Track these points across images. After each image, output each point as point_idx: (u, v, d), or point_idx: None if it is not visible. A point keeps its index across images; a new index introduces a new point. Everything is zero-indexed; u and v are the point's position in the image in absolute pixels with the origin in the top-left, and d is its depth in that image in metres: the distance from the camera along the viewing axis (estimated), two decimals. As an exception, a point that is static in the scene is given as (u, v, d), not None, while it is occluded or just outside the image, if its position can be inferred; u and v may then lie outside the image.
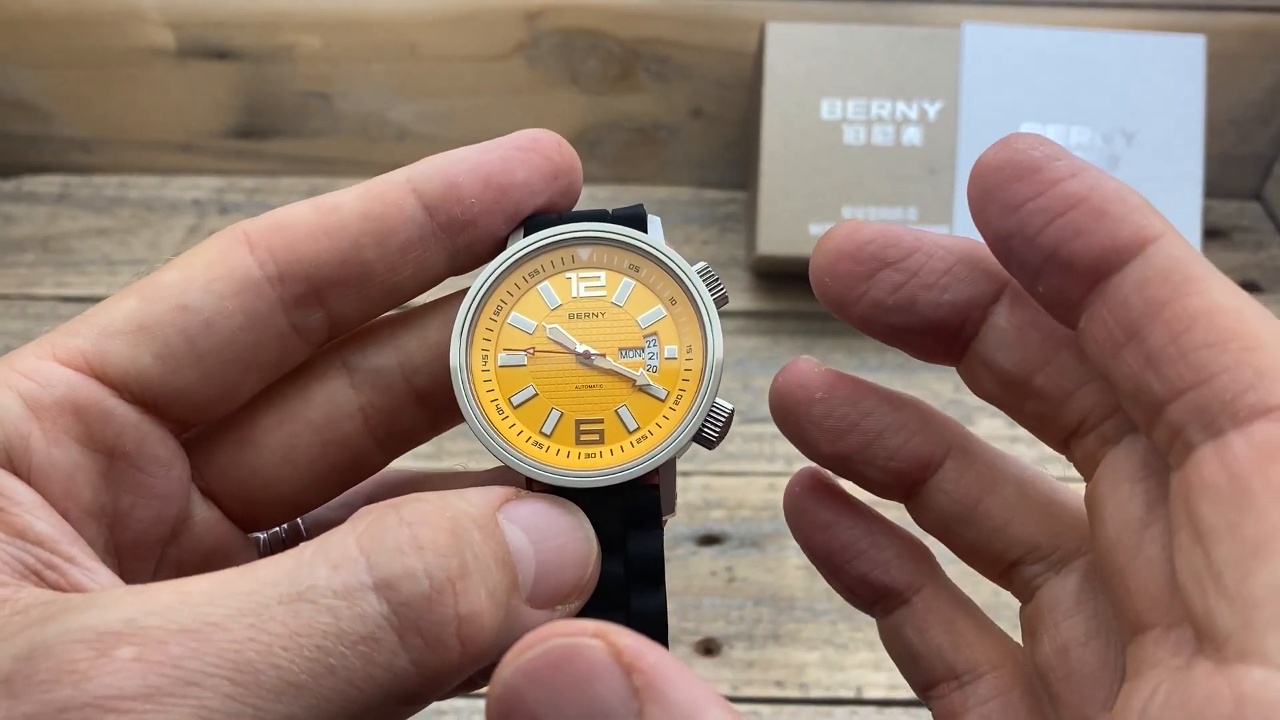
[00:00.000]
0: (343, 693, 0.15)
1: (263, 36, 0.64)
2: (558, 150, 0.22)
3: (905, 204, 0.58)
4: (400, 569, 0.16)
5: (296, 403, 0.22)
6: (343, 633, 0.15)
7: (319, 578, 0.16)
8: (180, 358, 0.20)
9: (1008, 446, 0.22)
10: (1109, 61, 0.58)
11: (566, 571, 0.19)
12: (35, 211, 0.67)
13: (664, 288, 0.22)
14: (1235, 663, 0.14)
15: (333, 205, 0.21)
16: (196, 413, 0.21)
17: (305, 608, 0.15)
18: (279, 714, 0.15)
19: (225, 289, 0.20)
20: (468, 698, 0.48)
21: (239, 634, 0.15)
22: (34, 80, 0.66)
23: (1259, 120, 0.66)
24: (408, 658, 0.16)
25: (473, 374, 0.21)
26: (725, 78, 0.65)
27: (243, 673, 0.15)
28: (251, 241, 0.20)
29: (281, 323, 0.21)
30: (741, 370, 0.59)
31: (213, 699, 0.14)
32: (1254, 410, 0.14)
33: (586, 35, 0.64)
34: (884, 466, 0.21)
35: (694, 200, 0.68)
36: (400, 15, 0.63)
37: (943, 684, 0.22)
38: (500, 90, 0.65)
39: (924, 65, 0.58)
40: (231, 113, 0.68)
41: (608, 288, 0.22)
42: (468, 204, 0.21)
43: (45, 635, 0.15)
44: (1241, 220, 0.67)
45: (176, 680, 0.14)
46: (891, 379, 0.59)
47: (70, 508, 0.19)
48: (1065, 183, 0.17)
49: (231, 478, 0.22)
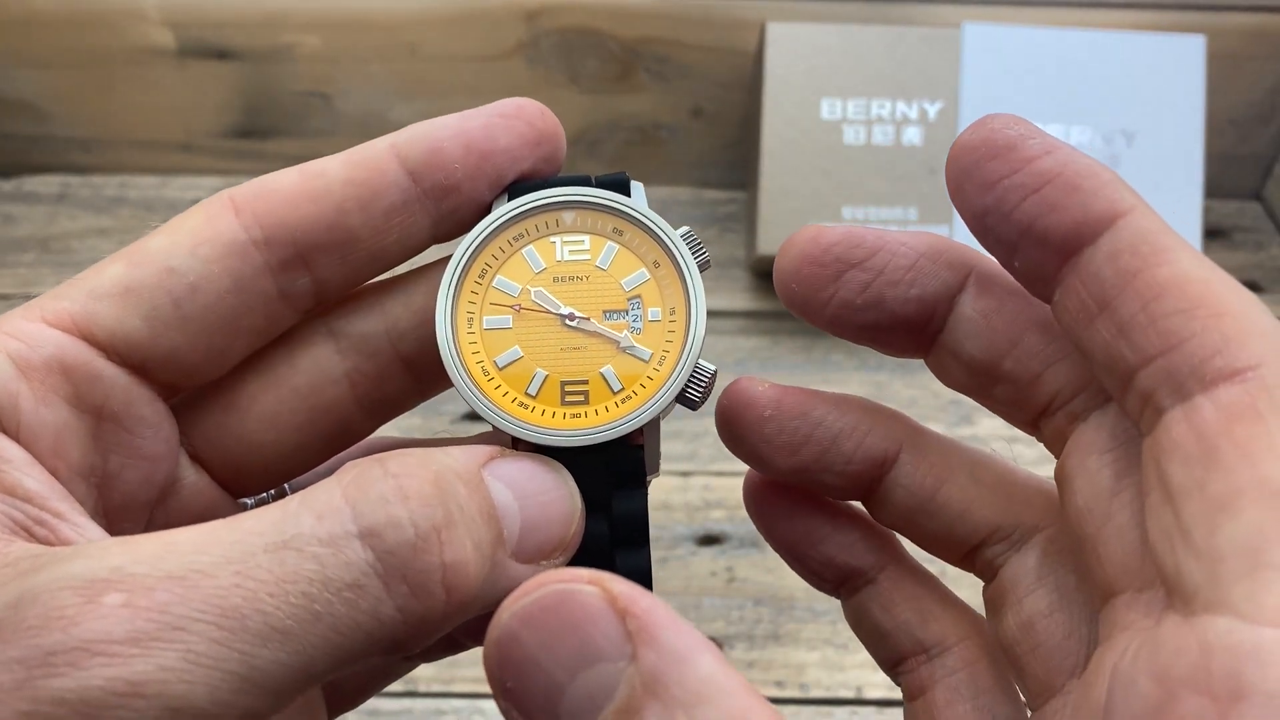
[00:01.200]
0: (328, 639, 0.16)
1: (263, 36, 0.64)
2: (540, 117, 0.22)
3: (905, 204, 0.58)
4: (385, 517, 0.16)
5: (283, 369, 0.22)
6: (328, 579, 0.16)
7: (304, 526, 0.16)
8: (167, 320, 0.20)
9: (1006, 446, 0.23)
10: (1109, 61, 0.58)
11: (551, 527, 0.19)
12: (35, 211, 0.67)
13: (647, 251, 0.22)
14: (1202, 614, 0.14)
15: (318, 171, 0.21)
16: (184, 376, 0.21)
17: (290, 555, 0.16)
18: (265, 659, 0.15)
19: (211, 253, 0.20)
20: (466, 698, 0.48)
21: (225, 581, 0.15)
22: (34, 80, 0.66)
23: (1259, 120, 0.66)
24: (393, 604, 0.16)
25: (458, 336, 0.21)
26: (725, 78, 0.65)
27: (229, 618, 0.15)
28: (238, 206, 0.21)
29: (268, 287, 0.21)
30: (741, 370, 0.59)
31: (199, 644, 0.15)
32: (1220, 374, 0.15)
33: (586, 35, 0.64)
34: (842, 471, 0.22)
35: (694, 200, 0.68)
36: (400, 15, 0.63)
37: (911, 659, 0.22)
38: (500, 90, 0.65)
39: (924, 65, 0.58)
40: (231, 113, 0.68)
41: (591, 251, 0.22)
42: (451, 169, 0.21)
43: (33, 584, 0.15)
44: (1242, 220, 0.67)
45: (163, 625, 0.15)
46: (893, 376, 0.59)
47: (59, 466, 0.19)
48: (1039, 160, 0.17)
49: (218, 443, 0.22)
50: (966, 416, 0.57)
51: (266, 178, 0.21)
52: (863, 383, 0.59)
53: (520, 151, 0.22)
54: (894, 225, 0.57)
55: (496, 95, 0.23)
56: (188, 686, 0.14)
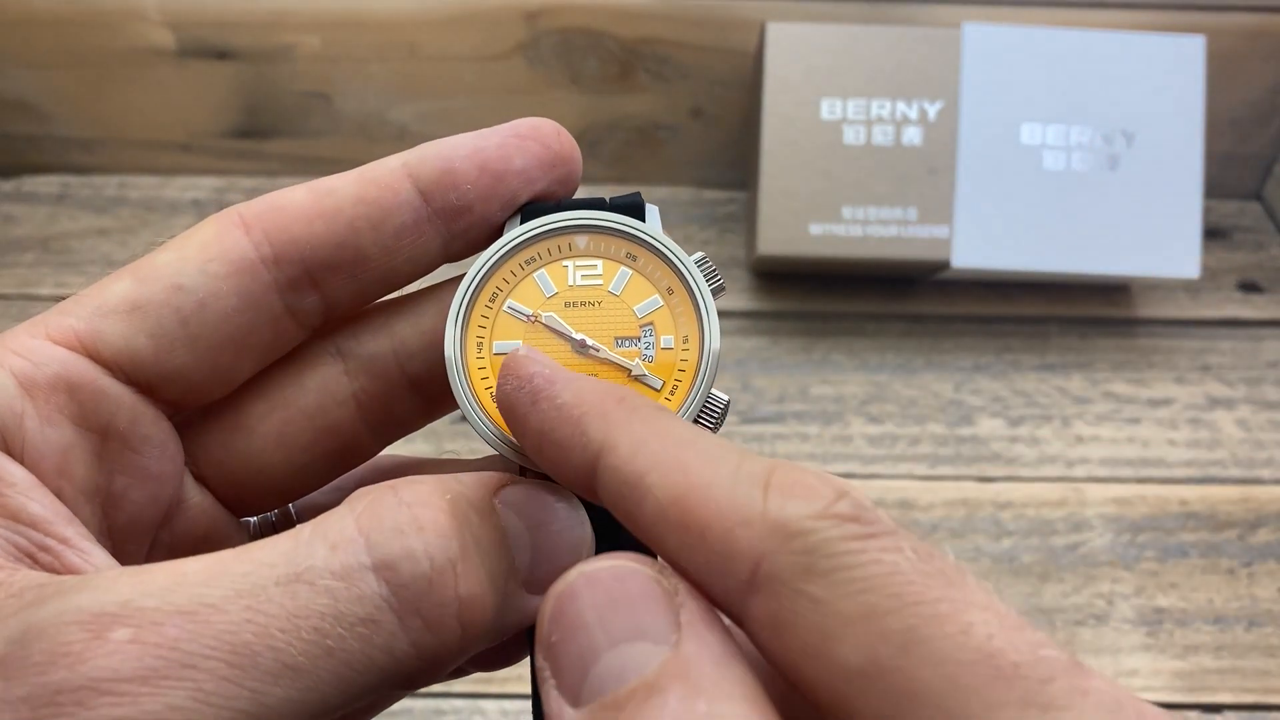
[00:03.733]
0: (340, 674, 0.15)
1: (263, 36, 0.64)
2: (556, 139, 0.22)
3: (905, 204, 0.58)
4: (400, 550, 0.16)
5: (290, 389, 0.22)
6: (341, 614, 0.15)
7: (316, 558, 0.16)
8: (174, 338, 0.20)
9: (1007, 447, 0.23)
10: (1109, 61, 0.58)
11: (561, 557, 0.19)
12: (35, 212, 0.67)
13: (661, 277, 0.22)
14: None
15: (328, 189, 0.21)
16: (190, 394, 0.21)
17: (303, 589, 0.15)
18: (276, 696, 0.15)
19: (220, 270, 0.20)
20: (466, 699, 0.48)
21: (236, 615, 0.15)
22: (33, 80, 0.66)
23: (1259, 120, 0.66)
24: (407, 640, 0.16)
25: (467, 361, 0.21)
26: (725, 78, 0.65)
27: (240, 655, 0.15)
28: (247, 224, 0.20)
29: (276, 305, 0.21)
30: (741, 370, 0.59)
31: (209, 681, 0.14)
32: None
33: (586, 35, 0.64)
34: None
35: (694, 200, 0.68)
36: (400, 15, 0.63)
37: None
38: (500, 90, 0.65)
39: (924, 65, 0.58)
40: (231, 113, 0.68)
41: (604, 276, 0.22)
42: (463, 190, 0.21)
43: (39, 617, 0.15)
44: (1242, 220, 0.67)
45: (173, 662, 0.14)
46: (893, 379, 0.59)
47: (64, 487, 0.18)
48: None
49: (224, 463, 0.22)
50: (967, 417, 0.57)
51: (276, 194, 0.21)
52: (862, 383, 0.59)
53: (535, 173, 0.22)
54: (894, 225, 0.57)
55: (496, 95, 0.23)
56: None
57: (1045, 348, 0.61)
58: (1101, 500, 0.56)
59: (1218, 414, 0.59)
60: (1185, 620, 0.53)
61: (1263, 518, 0.56)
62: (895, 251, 0.57)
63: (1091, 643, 0.52)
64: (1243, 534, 0.56)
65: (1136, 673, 0.52)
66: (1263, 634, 0.53)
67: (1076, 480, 0.56)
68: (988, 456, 0.56)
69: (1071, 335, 0.61)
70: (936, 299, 0.62)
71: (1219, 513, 0.56)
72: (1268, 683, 0.52)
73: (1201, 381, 0.60)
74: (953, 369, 0.60)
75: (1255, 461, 0.58)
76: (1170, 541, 0.55)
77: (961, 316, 0.62)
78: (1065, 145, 0.58)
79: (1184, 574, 0.54)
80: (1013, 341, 0.61)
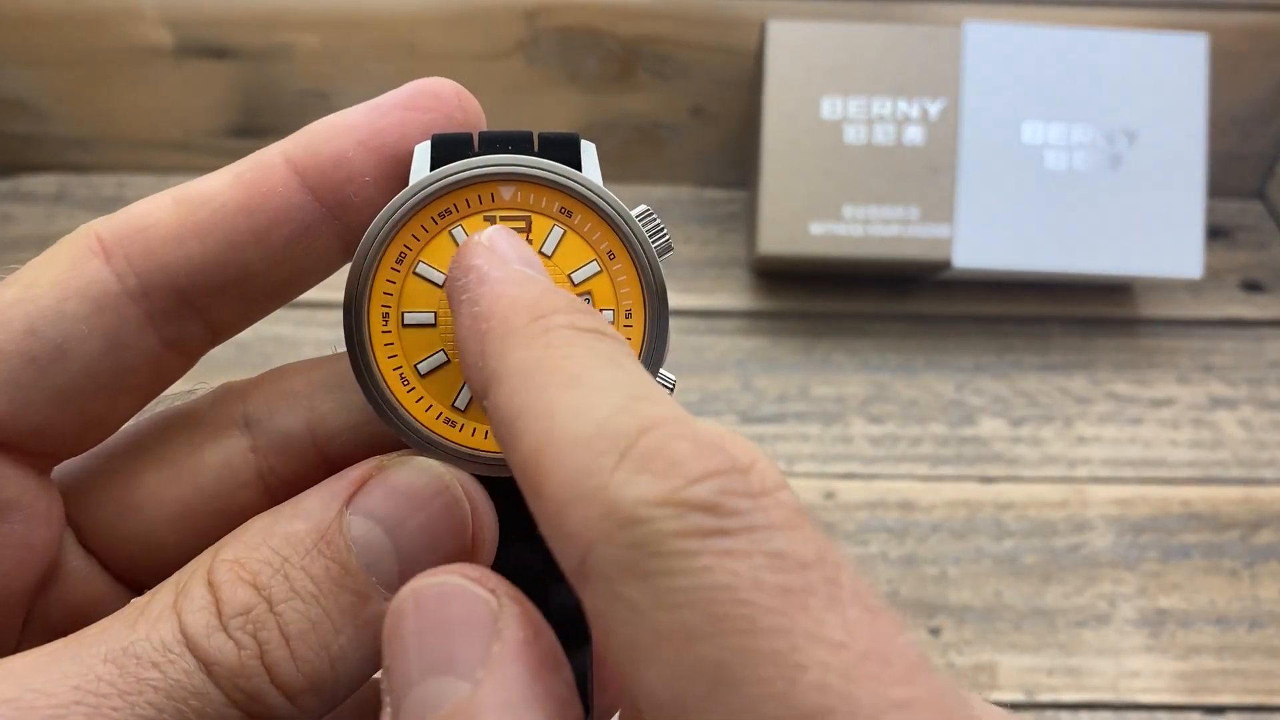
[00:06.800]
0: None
1: (261, 35, 0.64)
2: (459, 106, 0.19)
3: (906, 203, 0.57)
4: (204, 634, 0.15)
5: (188, 464, 0.19)
6: (171, 688, 0.15)
7: (139, 634, 0.15)
8: (31, 390, 0.17)
9: (1009, 447, 0.22)
10: (1111, 60, 0.57)
11: (439, 545, 0.17)
12: (33, 211, 0.67)
13: (600, 238, 0.19)
14: None
15: (200, 198, 0.18)
16: (61, 448, 0.18)
17: (131, 664, 0.15)
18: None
19: (79, 309, 0.17)
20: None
21: (64, 698, 0.14)
22: (31, 79, 0.66)
23: (1262, 119, 0.66)
24: (239, 714, 0.15)
25: (372, 335, 0.18)
26: (725, 77, 0.65)
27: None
28: (107, 249, 0.17)
29: (150, 341, 0.18)
30: (742, 370, 0.59)
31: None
32: None
33: (586, 34, 0.64)
34: None
35: (694, 200, 0.67)
36: (399, 14, 0.63)
37: None
38: (500, 89, 0.65)
39: (925, 64, 0.58)
40: (230, 112, 0.67)
41: (534, 235, 0.19)
42: (360, 183, 0.18)
43: None
44: (1244, 219, 0.67)
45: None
46: (894, 379, 0.59)
47: None
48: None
49: (112, 537, 0.20)
50: (968, 417, 0.57)
51: (138, 207, 0.18)
52: (863, 383, 0.59)
53: None
54: (895, 224, 0.57)
55: (496, 94, 0.22)
56: None
57: (1047, 348, 0.61)
58: (1103, 501, 0.56)
59: (1220, 414, 0.59)
60: (1187, 621, 0.53)
61: (1265, 518, 0.56)
62: (896, 251, 0.57)
63: (1093, 644, 0.52)
64: (1245, 535, 0.55)
65: (1138, 674, 0.51)
66: (1265, 635, 0.53)
67: (1078, 481, 0.56)
68: (989, 457, 0.56)
69: (1073, 335, 0.61)
70: (938, 299, 0.62)
71: (1221, 513, 0.56)
72: (1270, 684, 0.51)
73: (1204, 381, 0.60)
74: (954, 369, 0.59)
75: (1258, 462, 0.57)
76: (1172, 542, 0.55)
77: (963, 316, 0.62)
78: (1067, 144, 0.57)
79: (1186, 575, 0.54)
80: (1014, 341, 0.61)
